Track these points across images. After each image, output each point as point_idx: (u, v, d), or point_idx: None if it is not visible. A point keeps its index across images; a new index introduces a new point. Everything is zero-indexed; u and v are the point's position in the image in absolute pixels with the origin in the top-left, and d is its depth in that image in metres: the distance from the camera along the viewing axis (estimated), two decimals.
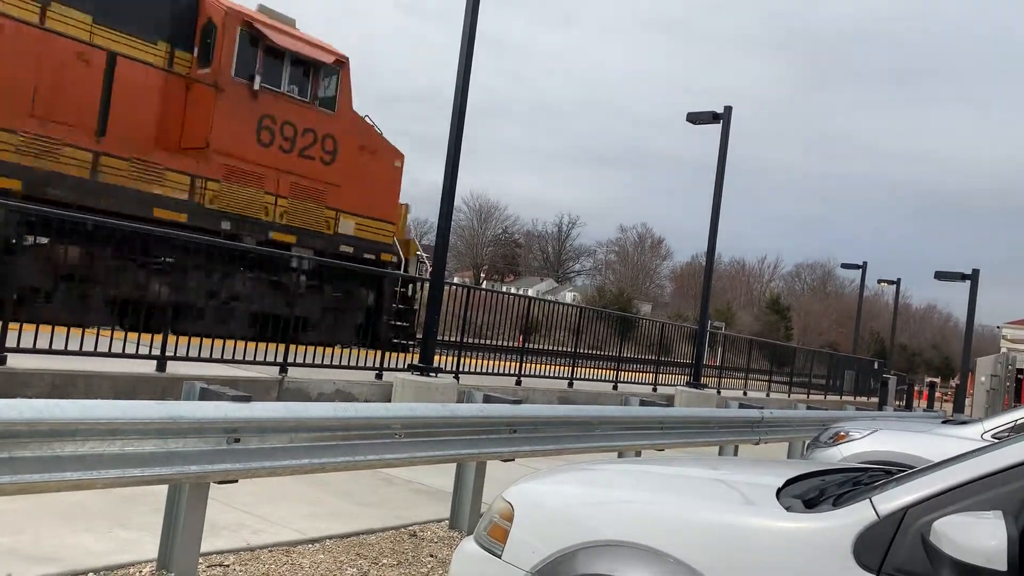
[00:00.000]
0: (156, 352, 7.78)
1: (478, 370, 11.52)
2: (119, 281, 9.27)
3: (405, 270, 15.06)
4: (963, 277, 25.60)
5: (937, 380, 47.16)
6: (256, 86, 12.32)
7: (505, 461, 6.05)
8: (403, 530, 5.77)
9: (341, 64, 13.64)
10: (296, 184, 13.05)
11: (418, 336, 12.60)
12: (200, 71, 12.18)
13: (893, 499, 2.37)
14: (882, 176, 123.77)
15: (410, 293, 14.56)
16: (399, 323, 13.81)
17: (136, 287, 8.96)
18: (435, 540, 5.65)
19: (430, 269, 11.20)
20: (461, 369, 11.05)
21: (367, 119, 14.53)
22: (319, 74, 13.32)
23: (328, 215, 13.68)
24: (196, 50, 12.23)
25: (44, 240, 9.15)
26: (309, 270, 12.23)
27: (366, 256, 14.16)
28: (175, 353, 7.92)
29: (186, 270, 9.35)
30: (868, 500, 2.41)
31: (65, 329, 7.19)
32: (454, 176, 10.23)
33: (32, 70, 10.26)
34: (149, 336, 8.02)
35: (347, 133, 13.82)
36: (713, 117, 15.41)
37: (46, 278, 9.47)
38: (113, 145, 11.06)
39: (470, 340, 11.64)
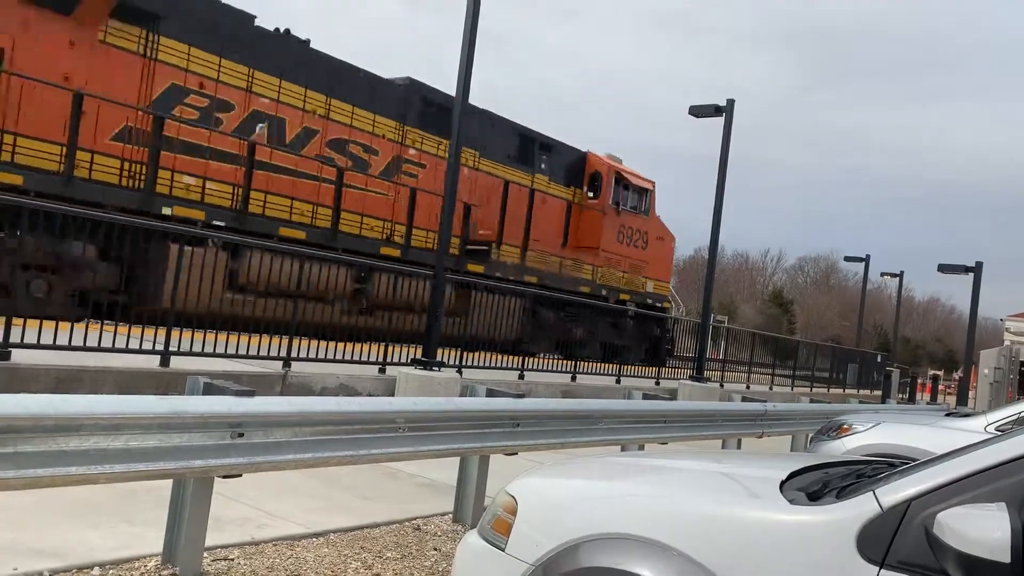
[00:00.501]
0: (160, 347, 7.78)
1: (481, 364, 11.54)
2: (551, 326, 16.90)
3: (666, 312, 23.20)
4: (966, 270, 25.52)
5: (940, 373, 47.16)
6: (619, 209, 20.34)
7: (508, 455, 6.07)
8: (407, 524, 5.78)
9: (653, 187, 21.58)
10: (631, 264, 21.14)
11: (675, 353, 19.66)
12: (590, 201, 19.95)
13: (897, 491, 2.37)
14: (885, 170, 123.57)
15: (671, 325, 21.32)
16: (667, 346, 20.42)
17: (563, 330, 16.69)
18: (439, 534, 5.67)
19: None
20: (464, 363, 11.08)
21: (659, 217, 22.20)
22: (644, 195, 21.32)
23: (642, 281, 21.71)
24: (585, 187, 19.96)
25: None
26: (632, 315, 19.95)
27: (657, 305, 22.17)
28: (179, 348, 7.93)
29: (580, 319, 17.17)
30: (871, 492, 2.41)
31: (68, 325, 7.21)
32: (455, 176, 10.24)
33: (539, 213, 18.23)
34: (152, 331, 8.03)
35: (652, 229, 21.87)
36: (715, 110, 15.36)
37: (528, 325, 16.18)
38: (567, 252, 19.17)
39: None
